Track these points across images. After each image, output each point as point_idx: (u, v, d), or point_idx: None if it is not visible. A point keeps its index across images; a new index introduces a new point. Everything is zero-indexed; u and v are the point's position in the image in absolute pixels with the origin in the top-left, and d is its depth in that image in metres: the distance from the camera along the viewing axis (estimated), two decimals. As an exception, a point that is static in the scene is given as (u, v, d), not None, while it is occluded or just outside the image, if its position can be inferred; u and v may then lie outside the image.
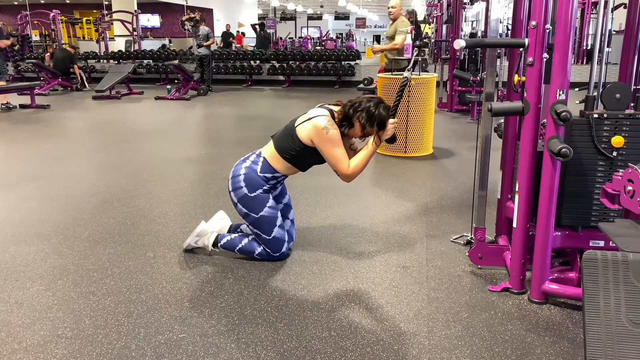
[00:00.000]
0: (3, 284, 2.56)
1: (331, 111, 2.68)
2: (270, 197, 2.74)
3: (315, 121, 2.60)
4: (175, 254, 2.90)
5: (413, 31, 6.18)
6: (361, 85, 8.91)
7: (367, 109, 2.61)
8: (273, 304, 2.35)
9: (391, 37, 6.47)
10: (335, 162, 2.63)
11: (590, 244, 2.31)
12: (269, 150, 2.74)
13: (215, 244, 2.85)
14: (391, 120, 2.64)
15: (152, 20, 21.72)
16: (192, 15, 10.86)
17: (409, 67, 2.73)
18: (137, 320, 2.22)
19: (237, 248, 2.80)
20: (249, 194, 2.68)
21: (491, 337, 2.08)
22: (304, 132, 2.62)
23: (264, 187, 2.70)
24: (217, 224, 2.98)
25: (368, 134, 2.68)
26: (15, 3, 21.01)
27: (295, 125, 2.68)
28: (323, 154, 2.64)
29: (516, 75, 2.46)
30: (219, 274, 2.65)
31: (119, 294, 2.45)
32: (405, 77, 2.67)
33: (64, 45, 12.93)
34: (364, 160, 2.67)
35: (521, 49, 2.30)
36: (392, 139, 2.69)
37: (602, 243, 2.29)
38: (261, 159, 2.73)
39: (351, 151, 2.78)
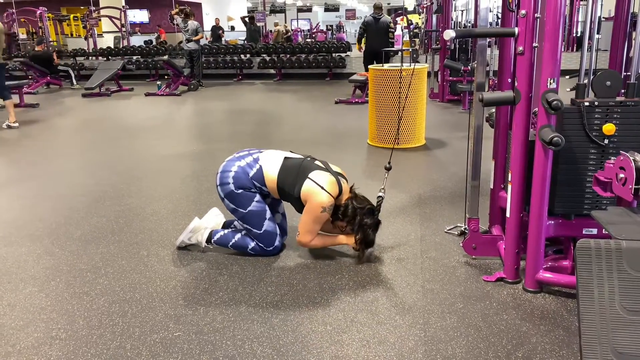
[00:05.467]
0: (-5, 287, 2.54)
1: (341, 188, 2.67)
2: (257, 194, 2.73)
3: (321, 196, 2.59)
4: (169, 252, 2.88)
5: (404, 21, 6.08)
6: (353, 77, 8.91)
7: (364, 227, 2.62)
8: (268, 300, 2.34)
9: None
10: (304, 230, 2.66)
11: (584, 232, 2.31)
12: (271, 169, 2.70)
13: (209, 240, 2.83)
14: (370, 250, 2.71)
15: (140, 15, 21.52)
16: (183, 7, 10.76)
17: (382, 187, 2.77)
18: (131, 320, 2.20)
19: (231, 243, 2.79)
20: (235, 191, 2.67)
21: (487, 327, 2.09)
22: (306, 192, 2.62)
23: (251, 190, 2.70)
24: (212, 220, 2.97)
25: (343, 231, 2.75)
26: (2, 1, 20.76)
27: (308, 175, 2.64)
28: (302, 216, 2.67)
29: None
30: (213, 271, 2.64)
31: (112, 293, 2.44)
32: (380, 196, 2.74)
33: (41, 45, 12.71)
34: (322, 245, 2.77)
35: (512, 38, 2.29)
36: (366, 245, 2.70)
37: (595, 231, 2.30)
38: (258, 166, 2.71)
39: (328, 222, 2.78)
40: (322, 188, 2.59)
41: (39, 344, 2.05)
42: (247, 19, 15.54)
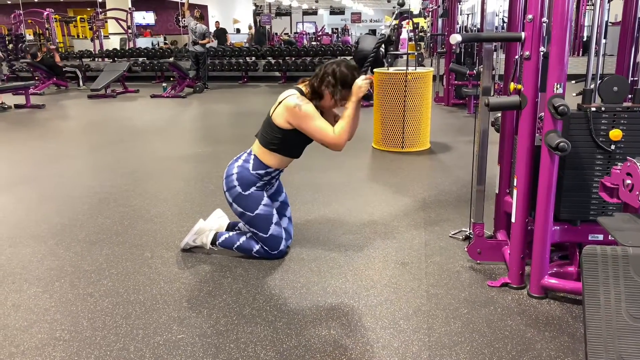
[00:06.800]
0: (0, 287, 2.54)
1: (299, 89, 2.69)
2: (265, 194, 2.73)
3: (285, 102, 2.61)
4: (173, 254, 2.88)
5: (409, 25, 6.08)
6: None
7: (329, 73, 2.59)
8: (272, 303, 2.34)
9: None
10: (319, 135, 2.60)
11: (590, 238, 2.30)
12: (257, 147, 2.74)
13: (213, 242, 2.83)
14: (362, 77, 2.60)
15: (147, 17, 21.60)
16: (196, 5, 10.78)
17: (391, 25, 2.70)
18: (135, 322, 2.20)
19: (235, 246, 2.79)
20: (243, 193, 2.67)
21: (491, 333, 2.07)
22: (279, 117, 2.63)
23: (258, 184, 2.70)
24: (215, 222, 2.97)
25: (343, 99, 2.63)
26: (9, 2, 20.86)
27: (270, 114, 2.69)
28: (305, 131, 2.61)
29: (512, 83, 2.45)
30: (217, 273, 2.64)
31: (116, 295, 2.44)
32: (383, 34, 2.63)
33: (50, 44, 12.82)
34: (348, 121, 2.60)
35: (516, 57, 2.29)
36: (367, 96, 2.64)
37: (601, 237, 2.29)
38: (252, 157, 2.73)
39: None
40: (280, 101, 2.63)
41: (42, 345, 2.05)
42: (257, 18, 15.49)
